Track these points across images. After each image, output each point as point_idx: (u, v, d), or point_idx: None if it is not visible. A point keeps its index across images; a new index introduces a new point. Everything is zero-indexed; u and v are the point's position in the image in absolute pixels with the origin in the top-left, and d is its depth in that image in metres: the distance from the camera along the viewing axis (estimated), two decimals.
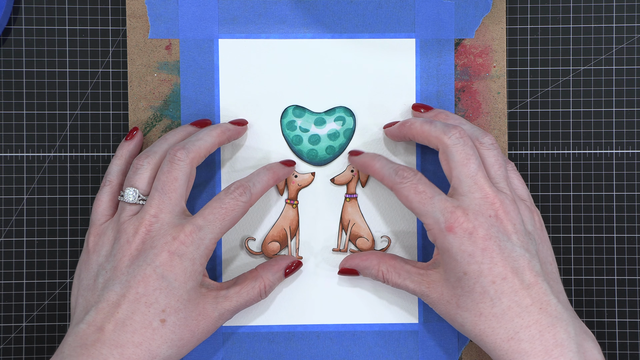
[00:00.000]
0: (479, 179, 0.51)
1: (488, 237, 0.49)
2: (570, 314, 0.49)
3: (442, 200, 0.50)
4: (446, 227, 0.50)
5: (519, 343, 0.48)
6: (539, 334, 0.48)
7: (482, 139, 0.53)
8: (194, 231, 0.50)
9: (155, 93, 0.57)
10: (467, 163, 0.51)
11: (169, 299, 0.49)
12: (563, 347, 0.47)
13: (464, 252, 0.49)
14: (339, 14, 0.57)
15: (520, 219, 0.51)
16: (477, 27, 0.57)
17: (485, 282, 0.49)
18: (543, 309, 0.48)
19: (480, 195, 0.50)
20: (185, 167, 0.51)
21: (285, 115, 0.57)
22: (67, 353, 0.47)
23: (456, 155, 0.51)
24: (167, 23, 0.57)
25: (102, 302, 0.49)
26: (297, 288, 0.57)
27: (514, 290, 0.49)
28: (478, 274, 0.49)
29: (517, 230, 0.50)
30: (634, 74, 0.58)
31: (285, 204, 0.57)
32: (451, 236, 0.50)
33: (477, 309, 0.49)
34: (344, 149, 0.58)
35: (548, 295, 0.49)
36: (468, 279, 0.49)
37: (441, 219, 0.50)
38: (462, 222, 0.49)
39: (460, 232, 0.49)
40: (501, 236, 0.50)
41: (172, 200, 0.51)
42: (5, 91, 0.58)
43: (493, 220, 0.50)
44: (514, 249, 0.49)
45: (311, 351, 0.57)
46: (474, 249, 0.49)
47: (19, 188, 0.58)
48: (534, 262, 0.50)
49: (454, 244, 0.50)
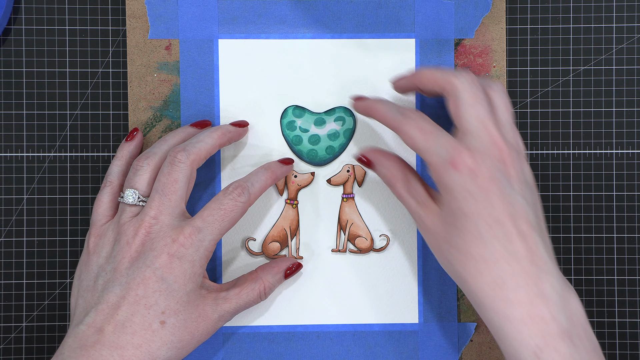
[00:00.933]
0: (487, 122, 0.49)
1: (491, 179, 0.48)
2: (555, 268, 0.48)
3: (447, 138, 0.49)
4: (450, 163, 0.48)
5: (503, 290, 0.47)
6: (524, 283, 0.47)
7: (494, 85, 0.52)
8: (193, 233, 0.50)
9: (155, 93, 0.57)
10: (477, 105, 0.50)
11: (168, 301, 0.49)
12: (547, 299, 0.46)
13: (465, 190, 0.48)
14: (338, 14, 0.57)
15: (521, 167, 0.50)
16: (477, 27, 0.57)
17: (481, 224, 0.48)
18: (532, 261, 0.47)
19: (487, 137, 0.49)
20: (186, 169, 0.51)
21: (285, 116, 0.57)
22: (67, 354, 0.47)
23: (466, 97, 0.50)
24: (167, 23, 0.57)
25: (101, 303, 0.49)
26: (297, 288, 0.58)
27: (507, 237, 0.47)
28: (475, 214, 0.48)
29: (519, 178, 0.49)
30: (634, 74, 0.58)
31: (285, 204, 0.57)
32: (454, 173, 0.48)
33: (468, 250, 0.48)
34: (344, 149, 0.58)
35: (537, 247, 0.48)
36: (464, 219, 0.48)
37: (445, 155, 0.49)
38: (467, 160, 0.48)
39: (464, 169, 0.48)
40: (504, 181, 0.48)
41: (172, 202, 0.51)
42: (5, 91, 0.58)
43: (498, 164, 0.49)
44: (514, 196, 0.48)
45: (311, 351, 0.57)
46: (475, 189, 0.48)
47: (19, 188, 0.58)
48: (530, 212, 0.48)
49: (456, 180, 0.48)
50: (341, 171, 0.57)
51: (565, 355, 0.46)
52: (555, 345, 0.46)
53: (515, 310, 0.46)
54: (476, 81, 0.51)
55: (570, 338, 0.46)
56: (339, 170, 0.58)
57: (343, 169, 0.57)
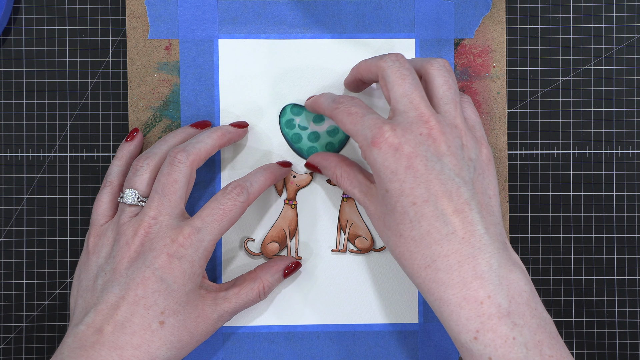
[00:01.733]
0: (414, 98, 0.48)
1: (414, 155, 0.47)
2: (496, 245, 0.47)
3: (372, 118, 0.49)
4: (372, 141, 0.47)
5: (435, 272, 0.46)
6: (457, 264, 0.45)
7: (433, 60, 0.51)
8: (193, 233, 0.50)
9: (155, 93, 0.57)
10: (402, 82, 0.49)
11: (168, 301, 0.49)
12: (482, 280, 0.45)
13: (387, 168, 0.47)
14: (338, 14, 0.57)
15: (459, 143, 0.48)
16: (477, 27, 0.57)
17: (406, 202, 0.47)
18: (465, 239, 0.46)
19: (414, 113, 0.48)
20: (185, 170, 0.51)
21: (283, 114, 0.57)
22: (67, 354, 0.47)
23: (392, 76, 0.49)
24: (167, 23, 0.57)
25: (101, 303, 0.49)
26: (297, 288, 0.58)
27: (435, 215, 0.46)
28: (399, 192, 0.47)
29: (453, 153, 0.48)
30: (634, 74, 0.58)
31: (284, 204, 0.57)
32: (375, 150, 0.47)
33: (398, 230, 0.47)
34: (344, 145, 0.58)
35: (474, 225, 0.46)
36: (390, 197, 0.47)
37: (369, 134, 0.48)
38: (388, 137, 0.47)
39: (385, 147, 0.47)
40: (430, 156, 0.47)
41: (171, 202, 0.51)
42: (5, 91, 0.58)
43: (424, 139, 0.47)
44: (442, 171, 0.47)
45: (311, 351, 0.57)
46: (397, 166, 0.47)
47: (19, 188, 0.58)
48: (463, 189, 0.47)
49: (377, 159, 0.47)
50: None
51: (506, 337, 0.44)
52: (493, 326, 0.44)
53: (449, 292, 0.45)
54: (403, 59, 0.50)
55: (511, 317, 0.45)
56: None
57: None
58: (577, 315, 0.58)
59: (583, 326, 0.58)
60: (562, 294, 0.58)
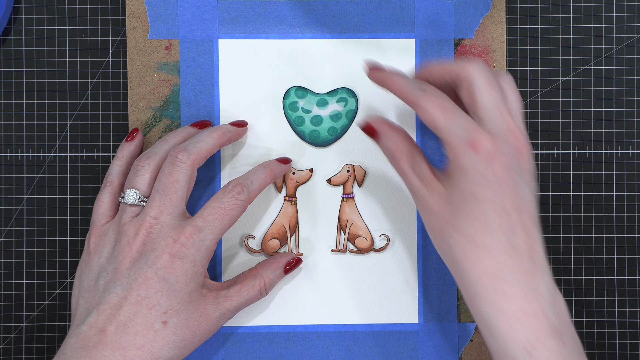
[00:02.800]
0: (503, 109, 0.49)
1: (508, 168, 0.47)
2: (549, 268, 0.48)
3: (467, 119, 0.48)
4: (470, 143, 0.47)
5: (501, 283, 0.46)
6: (522, 278, 0.46)
7: (503, 75, 0.51)
8: (194, 233, 0.50)
9: (155, 93, 0.57)
10: (492, 91, 0.49)
11: (170, 301, 0.49)
12: (540, 297, 0.46)
13: (480, 174, 0.47)
14: (338, 14, 0.57)
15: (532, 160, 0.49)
16: (477, 27, 0.57)
17: (490, 211, 0.47)
18: (531, 257, 0.47)
19: (505, 125, 0.48)
20: (186, 169, 0.51)
21: (287, 96, 0.57)
22: (69, 354, 0.47)
23: (481, 82, 0.49)
24: (167, 23, 0.57)
25: (103, 303, 0.49)
26: (297, 288, 0.58)
27: (512, 229, 0.47)
28: (486, 201, 0.47)
29: (530, 170, 0.49)
30: (634, 74, 0.58)
31: (284, 201, 0.57)
32: (473, 154, 0.47)
33: (472, 236, 0.47)
34: (346, 131, 0.58)
35: (538, 245, 0.47)
36: (475, 203, 0.47)
37: (466, 136, 0.47)
38: (487, 144, 0.47)
39: (483, 152, 0.47)
40: (518, 171, 0.48)
41: (172, 202, 0.51)
42: (5, 91, 0.58)
43: (515, 152, 0.48)
44: (524, 188, 0.48)
45: (311, 351, 0.57)
46: (490, 174, 0.47)
47: (19, 188, 0.58)
48: (534, 208, 0.48)
49: (473, 162, 0.47)
50: (341, 171, 0.57)
51: (555, 353, 0.45)
52: (546, 342, 0.45)
53: (510, 304, 0.46)
54: (489, 68, 0.50)
55: (560, 336, 0.46)
56: (338, 170, 0.58)
57: (343, 169, 0.57)
58: (577, 315, 0.58)
59: (583, 326, 0.58)
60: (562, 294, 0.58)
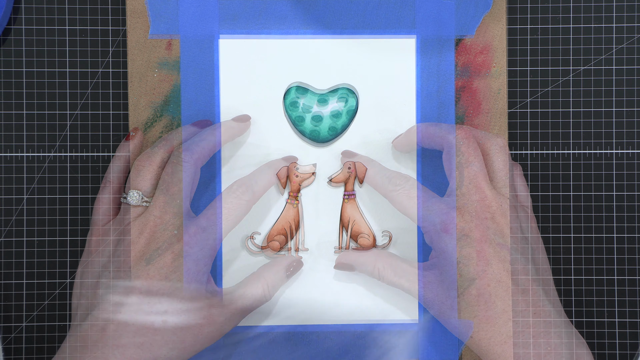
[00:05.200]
0: (479, 181, 0.50)
1: (484, 240, 0.49)
2: (564, 322, 0.49)
3: (436, 203, 0.51)
4: (442, 227, 0.50)
5: (512, 347, 0.48)
6: (532, 339, 0.48)
7: (494, 140, 0.52)
8: (198, 232, 0.50)
9: (156, 91, 0.57)
10: (469, 164, 0.51)
11: (171, 301, 0.49)
12: (555, 354, 0.48)
13: (459, 253, 0.49)
14: (339, 12, 0.57)
15: (519, 223, 0.51)
16: (478, 26, 0.57)
17: (480, 284, 0.49)
18: (537, 314, 0.48)
19: (478, 197, 0.50)
20: (190, 168, 0.51)
21: (287, 95, 0.57)
22: (69, 353, 0.47)
23: (459, 156, 0.51)
24: (168, 21, 0.57)
25: (104, 302, 0.49)
26: (297, 288, 0.57)
27: (508, 294, 0.49)
28: (473, 276, 0.49)
29: (514, 233, 0.50)
30: (634, 74, 0.59)
31: (286, 203, 0.57)
32: (447, 237, 0.50)
33: (472, 312, 0.49)
34: (346, 129, 0.58)
35: (543, 301, 0.49)
36: (463, 281, 0.49)
37: (437, 220, 0.50)
38: (458, 222, 0.49)
39: (456, 233, 0.49)
40: (497, 239, 0.49)
41: (176, 201, 0.51)
42: (5, 91, 0.58)
43: (489, 223, 0.50)
44: (509, 253, 0.49)
45: (311, 351, 0.57)
46: (469, 251, 0.49)
47: (19, 188, 0.58)
48: (528, 267, 0.50)
49: (449, 244, 0.49)
50: (342, 169, 0.57)
51: None
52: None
53: None
54: (471, 138, 0.51)
55: None
56: (339, 168, 0.58)
57: (344, 167, 0.57)
58: (577, 315, 0.58)
59: (583, 326, 0.58)
60: (562, 294, 0.58)
